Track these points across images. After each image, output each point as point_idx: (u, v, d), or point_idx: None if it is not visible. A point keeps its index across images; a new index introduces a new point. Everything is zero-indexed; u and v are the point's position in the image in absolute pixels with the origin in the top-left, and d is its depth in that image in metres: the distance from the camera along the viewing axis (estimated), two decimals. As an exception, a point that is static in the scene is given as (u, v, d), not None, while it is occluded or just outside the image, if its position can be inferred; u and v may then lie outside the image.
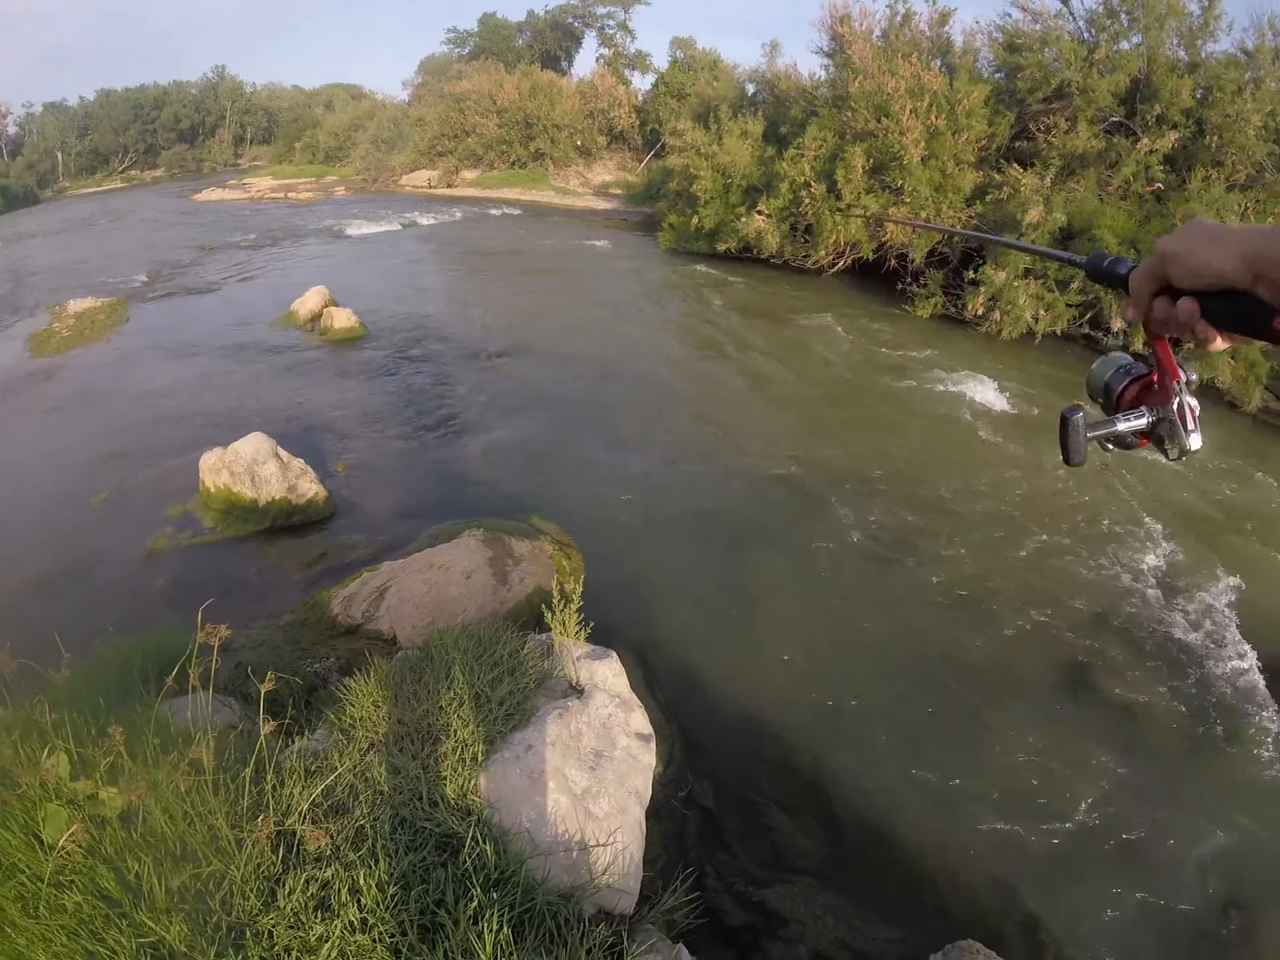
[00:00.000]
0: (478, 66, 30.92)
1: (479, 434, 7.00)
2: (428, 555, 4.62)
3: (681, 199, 14.91)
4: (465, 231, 19.13)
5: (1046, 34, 12.11)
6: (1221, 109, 11.16)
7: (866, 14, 13.71)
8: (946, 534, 5.73)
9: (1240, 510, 6.99)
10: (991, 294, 10.29)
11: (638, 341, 10.05)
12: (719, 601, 4.81)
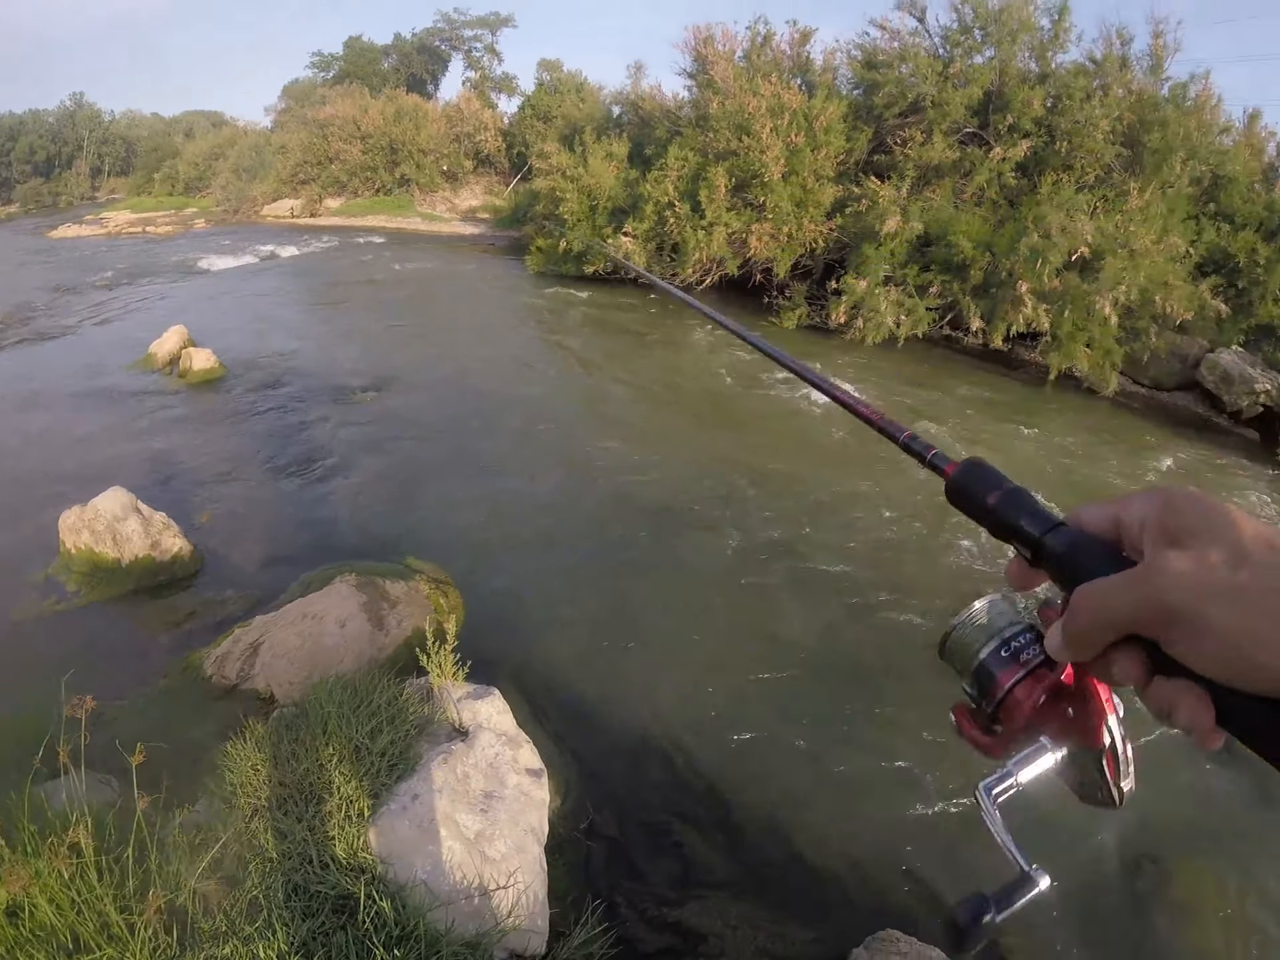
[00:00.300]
0: (342, 91, 32.13)
1: (347, 472, 7.31)
2: (300, 606, 4.82)
3: (549, 222, 15.80)
4: (329, 262, 19.59)
5: (904, 51, 13.89)
6: (1071, 116, 13.07)
7: (729, 35, 15.26)
8: (812, 535, 6.34)
9: (1100, 490, 8.08)
10: (854, 302, 11.39)
11: (505, 367, 10.54)
12: (601, 623, 5.15)
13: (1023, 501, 0.56)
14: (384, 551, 5.77)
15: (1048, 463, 8.73)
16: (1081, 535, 0.50)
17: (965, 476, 0.60)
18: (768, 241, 12.50)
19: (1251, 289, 13.73)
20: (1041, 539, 0.52)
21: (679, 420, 8.86)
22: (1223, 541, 0.41)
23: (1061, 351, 11.55)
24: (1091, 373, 11.74)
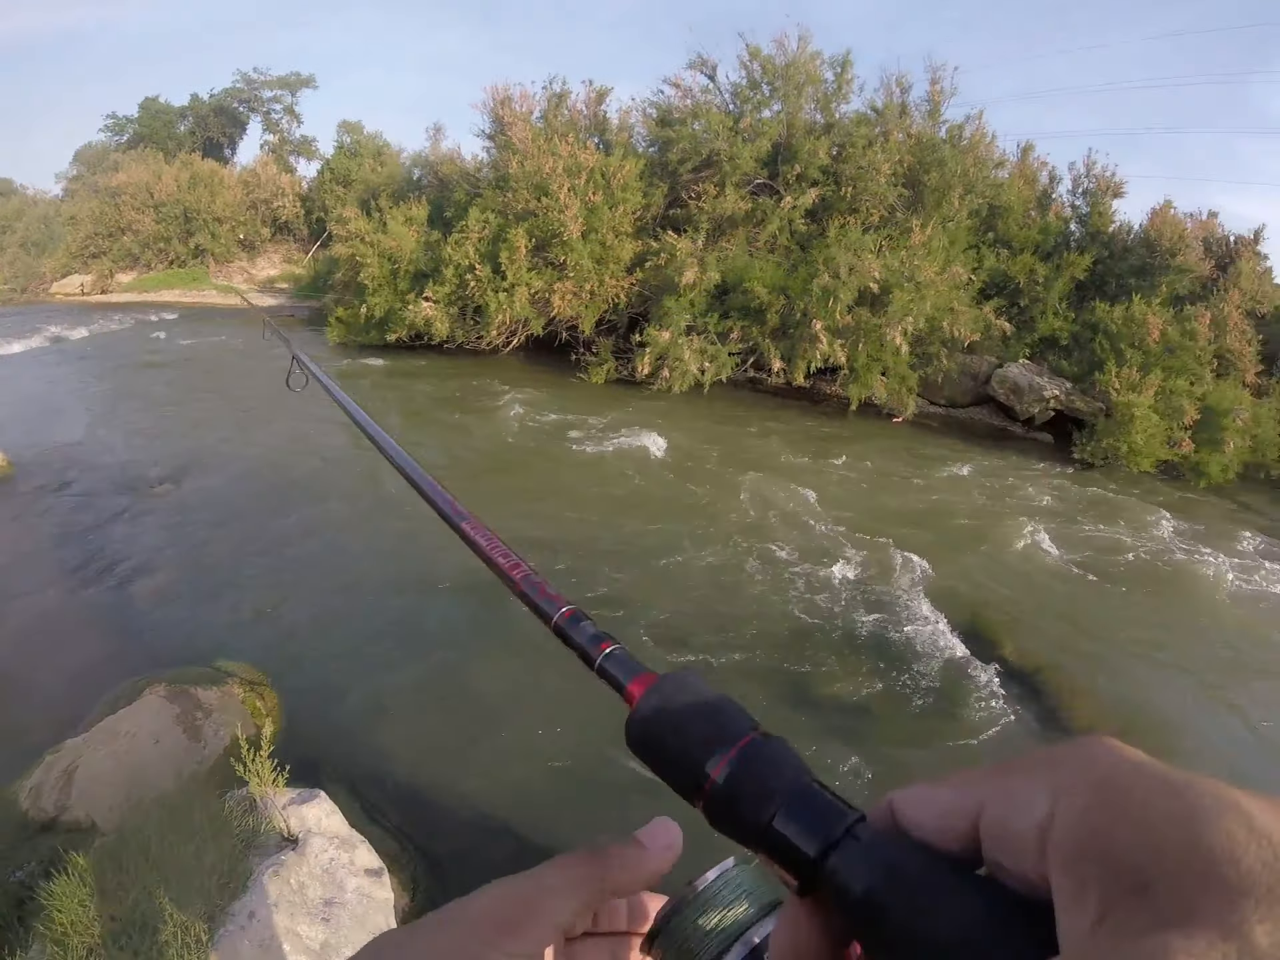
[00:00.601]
0: (136, 156, 32.27)
1: (148, 573, 7.51)
2: (110, 724, 4.98)
3: (349, 290, 16.88)
4: (120, 343, 19.61)
5: (696, 107, 16.17)
6: (855, 162, 15.60)
7: (527, 96, 17.17)
8: (630, 578, 7.29)
9: (906, 506, 9.91)
10: (658, 353, 13.08)
11: (304, 446, 11.17)
12: (427, 707, 5.52)
13: (778, 767, 0.38)
14: (193, 655, 5.98)
15: (855, 487, 10.43)
16: (904, 850, 0.32)
17: (666, 706, 0.43)
18: (571, 299, 14.12)
19: (1032, 306, 16.60)
20: (821, 859, 0.34)
21: (493, 485, 9.85)
22: (1274, 900, 0.21)
23: (859, 382, 13.64)
24: (890, 399, 13.89)
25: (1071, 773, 0.27)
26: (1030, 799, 0.28)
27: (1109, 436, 13.02)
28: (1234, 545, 9.93)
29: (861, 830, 0.34)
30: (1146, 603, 8.10)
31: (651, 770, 0.43)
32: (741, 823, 0.37)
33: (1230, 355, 15.33)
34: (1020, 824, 0.27)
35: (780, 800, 0.36)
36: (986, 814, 0.29)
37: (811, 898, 0.35)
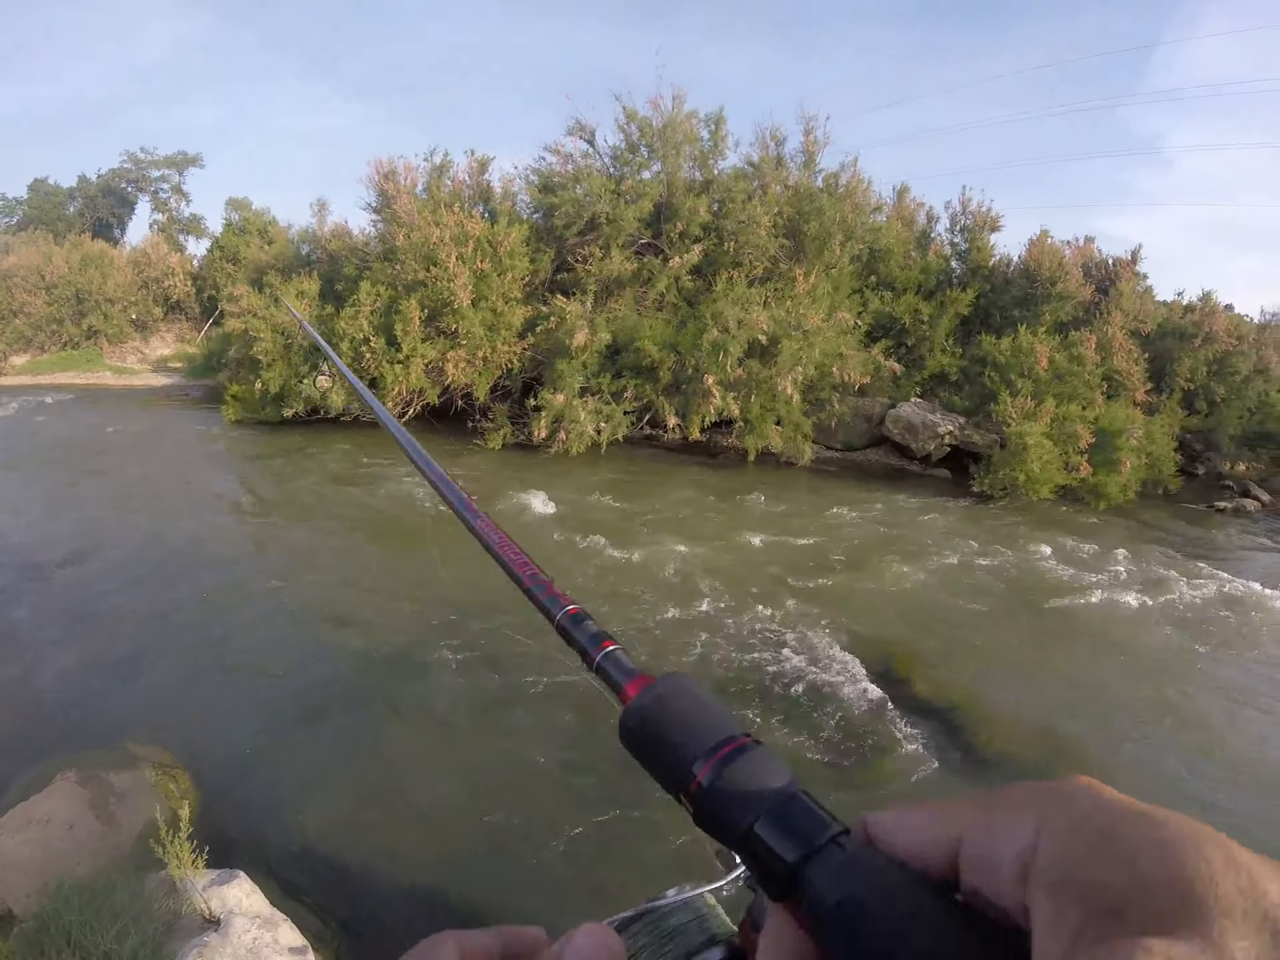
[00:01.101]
0: (26, 238, 31.93)
1: (51, 656, 7.42)
2: (23, 811, 4.97)
3: (244, 367, 16.66)
4: (15, 426, 19.22)
5: (578, 172, 16.47)
6: (735, 217, 16.01)
7: (410, 168, 17.35)
8: (539, 644, 7.00)
9: (808, 552, 10.06)
10: (554, 416, 13.18)
11: (202, 524, 11.04)
12: (343, 780, 5.52)
13: (762, 772, 0.39)
14: (103, 736, 5.94)
15: (755, 537, 10.49)
16: (882, 866, 0.33)
17: (658, 708, 0.44)
18: (464, 367, 14.17)
19: (920, 345, 17.25)
20: (799, 866, 0.34)
21: (388, 559, 9.79)
22: (1249, 922, 0.23)
23: (755, 433, 13.94)
24: (786, 447, 14.21)
25: (1055, 807, 0.29)
26: (1013, 830, 0.29)
27: (1005, 467, 13.43)
28: (1137, 562, 10.35)
29: (845, 841, 0.34)
30: (1056, 627, 8.39)
31: (642, 766, 0.44)
32: (723, 824, 0.38)
33: (1119, 376, 16.11)
34: (1003, 854, 0.29)
35: (763, 805, 0.37)
36: (968, 843, 0.30)
37: (792, 907, 0.35)
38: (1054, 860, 0.27)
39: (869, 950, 0.30)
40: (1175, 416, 16.60)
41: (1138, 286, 19.11)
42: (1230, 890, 0.24)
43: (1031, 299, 18.25)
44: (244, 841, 4.72)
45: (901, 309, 17.16)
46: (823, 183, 17.61)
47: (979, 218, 19.50)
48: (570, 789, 5.41)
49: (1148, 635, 8.26)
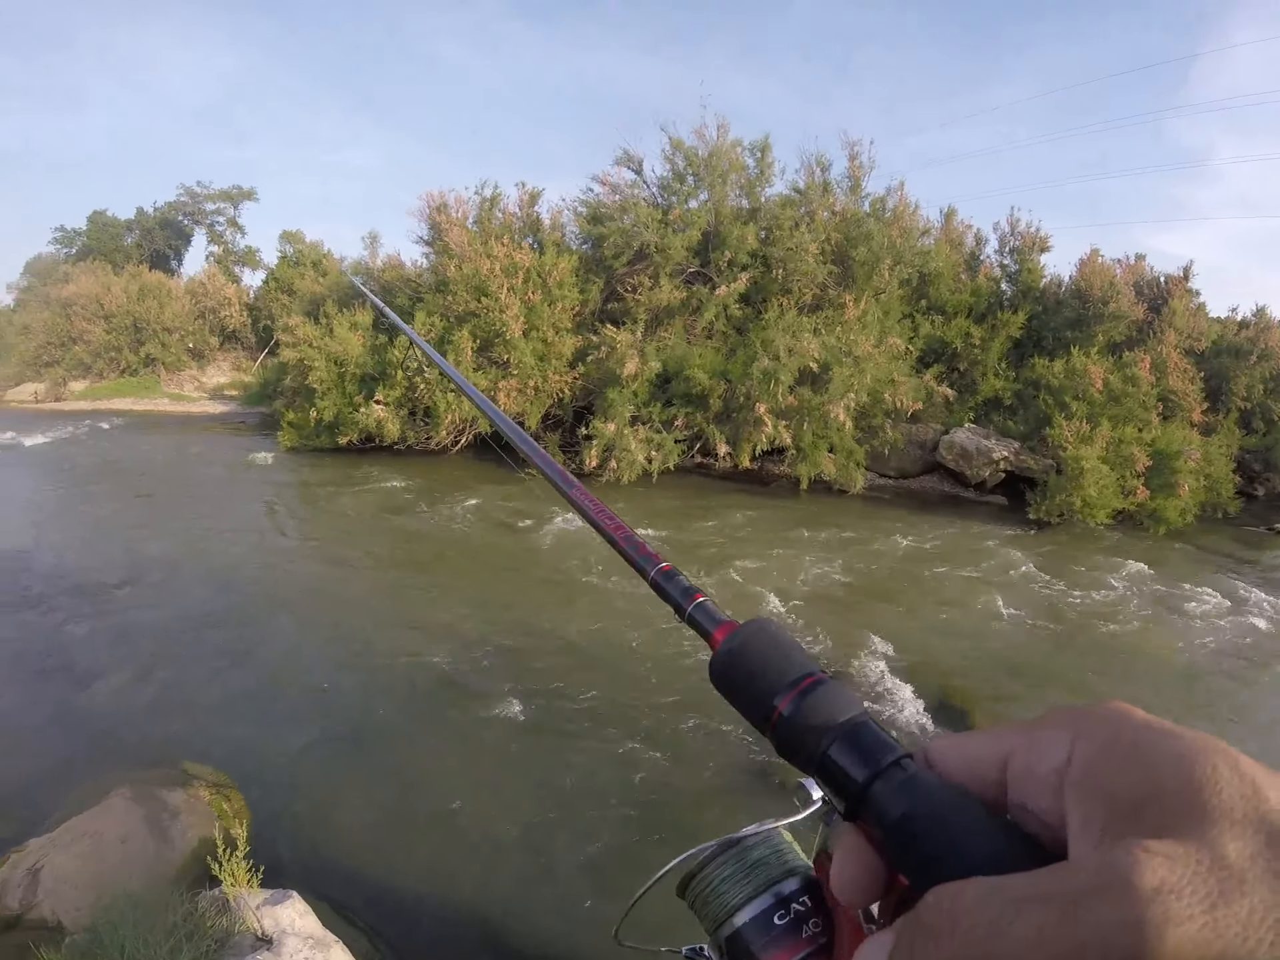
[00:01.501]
0: (85, 268, 33.10)
1: (108, 675, 7.59)
2: (76, 825, 5.06)
3: (299, 395, 17.02)
4: (75, 449, 19.89)
5: (625, 203, 16.58)
6: (783, 244, 15.99)
7: (461, 200, 17.64)
8: (591, 675, 7.35)
9: (863, 581, 9.97)
10: (605, 445, 13.24)
11: (258, 550, 11.27)
12: (394, 806, 5.60)
13: (836, 704, 0.43)
14: (157, 756, 6.04)
15: (810, 566, 10.46)
16: (939, 784, 0.36)
17: (744, 650, 0.49)
18: (516, 396, 14.34)
19: (972, 369, 17.04)
20: (867, 786, 0.38)
21: (446, 587, 9.82)
22: (1247, 824, 0.26)
23: (807, 461, 13.86)
24: (838, 475, 14.11)
25: (1088, 725, 0.32)
26: (1051, 747, 0.32)
27: (1062, 493, 13.17)
28: (1198, 590, 10.08)
29: (907, 764, 0.38)
30: (1117, 657, 8.20)
31: (730, 703, 0.48)
32: (802, 751, 0.42)
33: (1174, 396, 15.74)
34: (1042, 767, 0.32)
35: (836, 733, 0.41)
36: (1013, 760, 0.34)
37: (865, 826, 0.39)
38: (1084, 770, 0.30)
39: (926, 857, 0.34)
40: (1233, 436, 16.17)
41: (1190, 304, 18.66)
42: (1232, 796, 0.27)
43: (1084, 320, 17.93)
44: (296, 862, 4.78)
45: (953, 333, 17.01)
46: (869, 207, 17.56)
47: (1028, 238, 19.27)
48: (624, 819, 5.40)
49: (1212, 665, 8.06)
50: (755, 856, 0.51)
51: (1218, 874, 0.25)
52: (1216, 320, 19.61)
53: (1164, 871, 0.25)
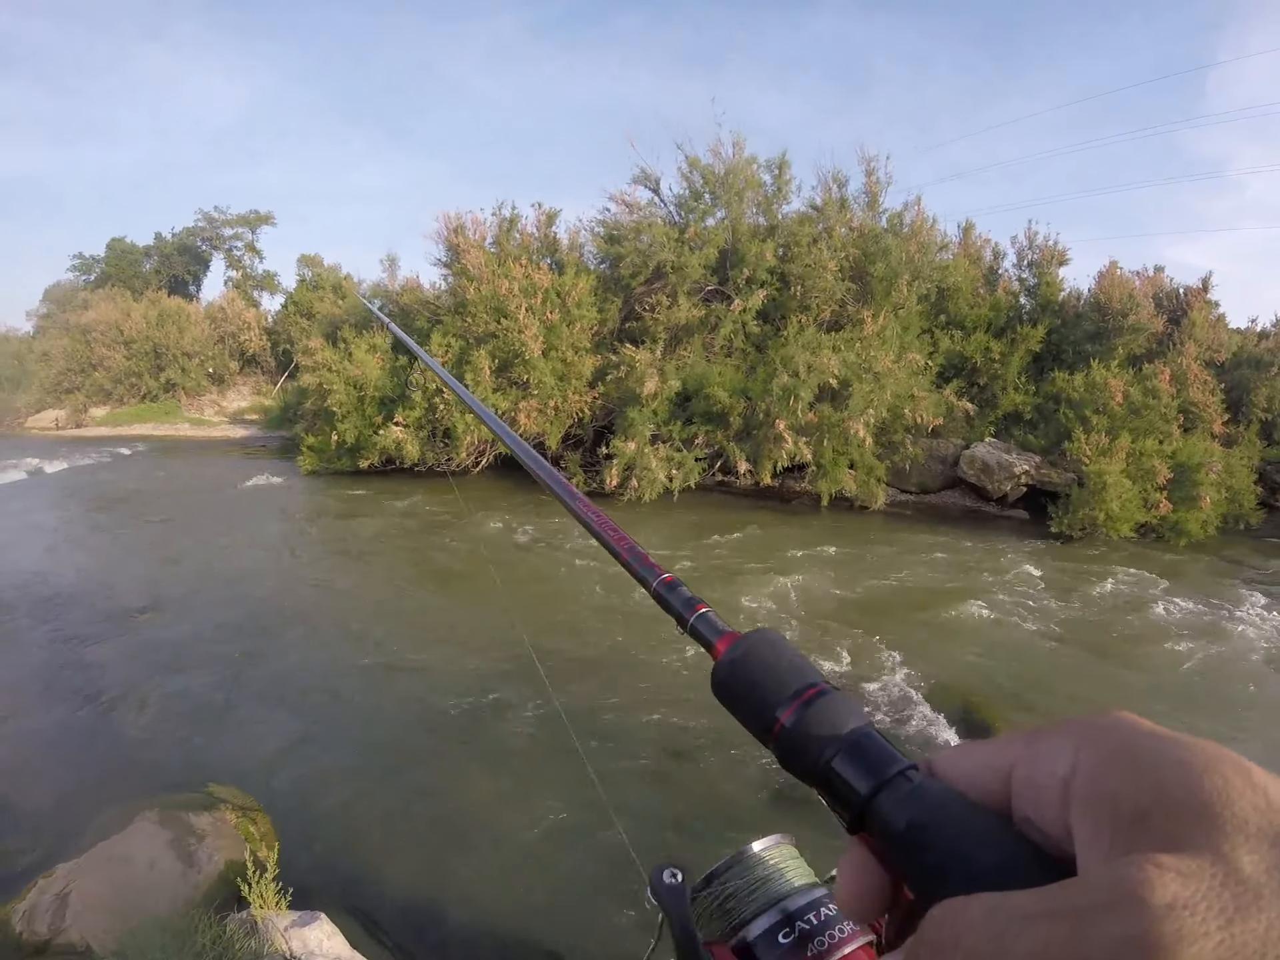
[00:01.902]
0: (104, 295, 33.56)
1: (133, 699, 7.65)
2: (103, 849, 5.10)
3: (319, 419, 17.13)
4: (97, 475, 20.16)
5: (640, 223, 16.64)
6: (801, 261, 16.02)
7: (478, 222, 17.79)
8: (615, 690, 7.34)
9: (887, 597, 9.94)
10: (625, 464, 13.24)
11: (282, 574, 11.35)
12: (421, 822, 5.62)
13: (839, 715, 0.42)
14: (182, 780, 6.08)
15: (832, 582, 10.43)
16: (945, 794, 0.35)
17: (745, 661, 0.48)
18: (536, 416, 14.38)
19: (992, 383, 16.97)
20: (871, 797, 0.37)
21: (463, 604, 9.92)
22: (1263, 838, 0.25)
23: (828, 478, 13.80)
24: (859, 491, 14.05)
25: (1092, 734, 0.31)
26: (1055, 757, 0.31)
27: (1084, 506, 13.08)
28: (1223, 603, 9.98)
29: (912, 774, 0.37)
30: (1144, 669, 8.13)
31: (732, 714, 0.48)
32: (805, 762, 0.41)
33: (1195, 408, 15.62)
34: (1046, 778, 0.31)
35: (840, 744, 0.40)
36: (1017, 771, 0.33)
37: (869, 839, 0.38)
38: (1089, 781, 0.29)
39: (931, 868, 0.33)
40: (1254, 447, 15.97)
41: (1210, 315, 18.54)
42: (1246, 808, 0.25)
43: (1103, 333, 17.83)
44: (323, 884, 4.77)
45: (972, 348, 16.95)
46: (887, 223, 17.57)
47: (1046, 252, 19.22)
48: (650, 841, 5.39)
49: (1238, 678, 7.95)
50: (762, 872, 0.51)
51: (1233, 889, 0.24)
52: (1236, 331, 19.48)
53: (1176, 886, 0.24)
